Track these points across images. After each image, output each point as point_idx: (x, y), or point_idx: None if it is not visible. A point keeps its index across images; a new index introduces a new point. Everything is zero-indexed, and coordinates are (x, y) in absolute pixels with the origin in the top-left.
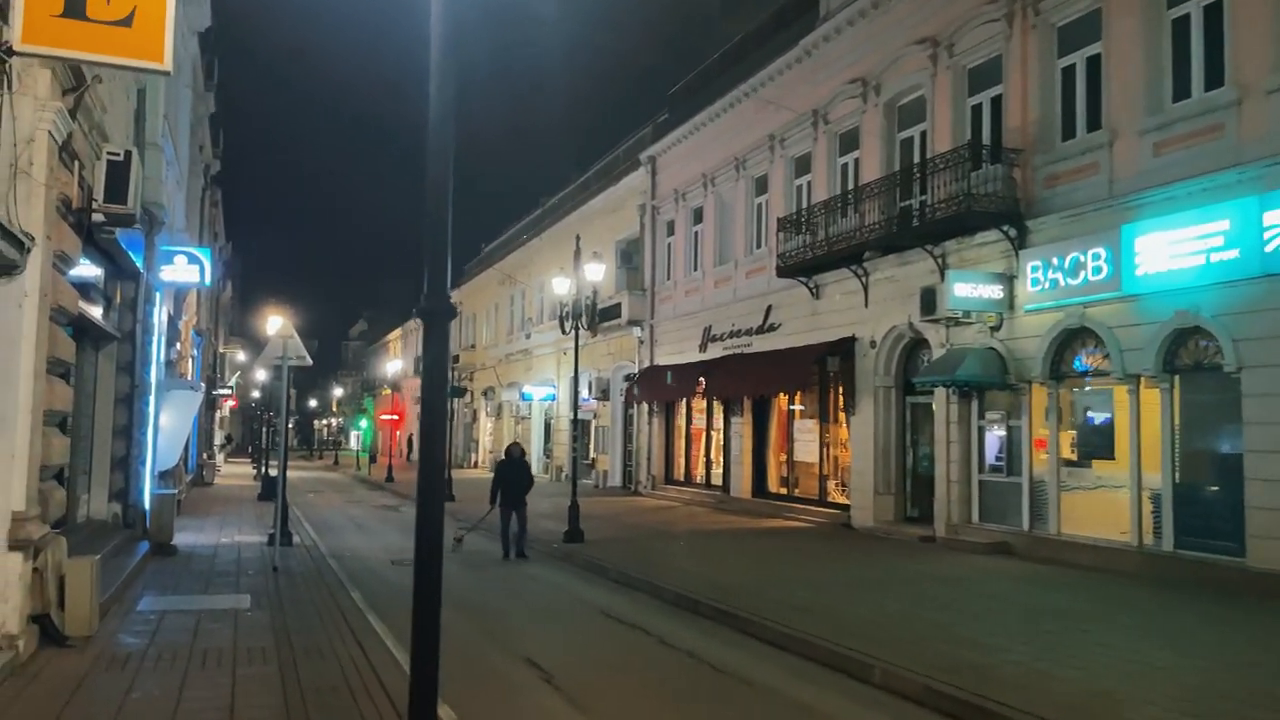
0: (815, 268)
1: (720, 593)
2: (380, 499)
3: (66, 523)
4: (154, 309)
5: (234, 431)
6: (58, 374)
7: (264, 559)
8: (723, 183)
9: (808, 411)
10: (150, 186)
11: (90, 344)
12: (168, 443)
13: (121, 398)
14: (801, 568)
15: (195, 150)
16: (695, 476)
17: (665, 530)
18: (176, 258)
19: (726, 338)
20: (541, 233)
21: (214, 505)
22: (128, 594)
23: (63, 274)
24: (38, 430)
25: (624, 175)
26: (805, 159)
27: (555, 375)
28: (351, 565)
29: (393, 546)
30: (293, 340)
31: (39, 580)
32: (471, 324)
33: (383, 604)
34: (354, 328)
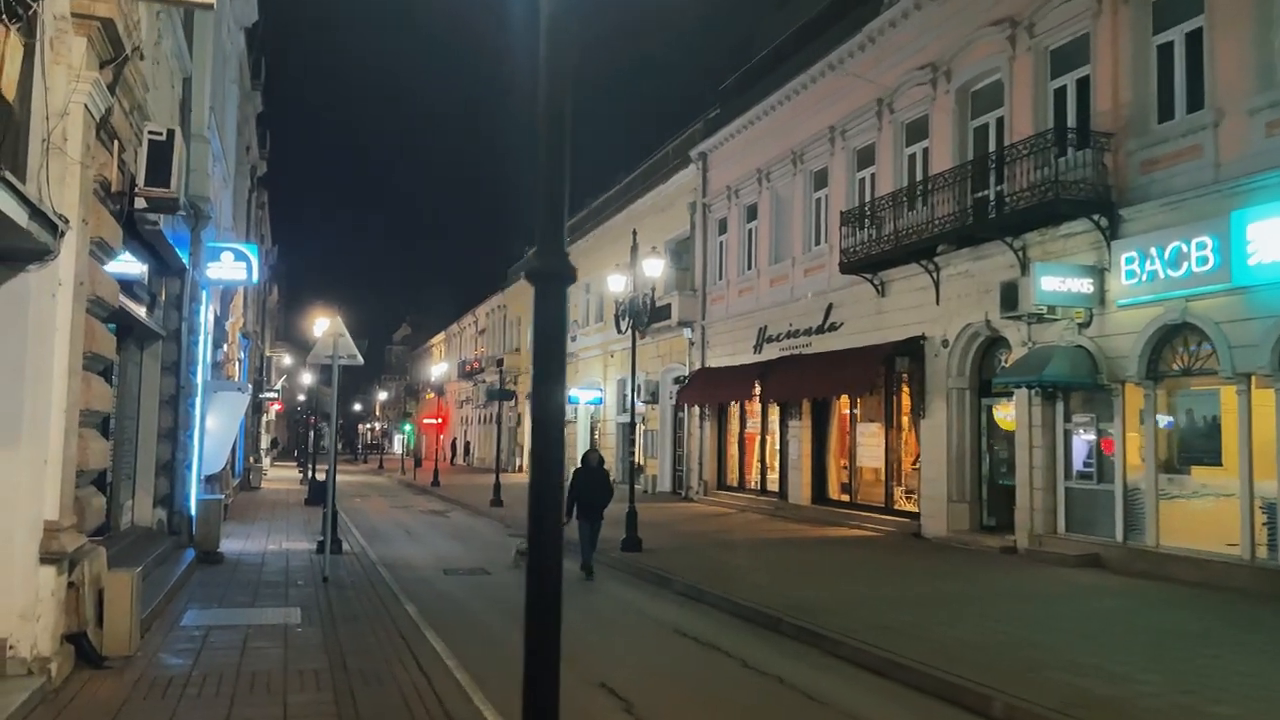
0: (881, 263)
1: (800, 609)
2: (427, 504)
3: (109, 531)
4: (200, 307)
5: (279, 435)
6: (96, 371)
7: (313, 568)
8: (778, 178)
9: (871, 414)
10: (196, 179)
11: (134, 342)
12: (214, 446)
13: (167, 399)
14: (880, 581)
15: (242, 150)
16: (749, 482)
17: (724, 538)
18: (223, 254)
19: (783, 338)
20: (587, 234)
21: (261, 510)
22: (171, 607)
23: (101, 263)
24: (73, 432)
25: (673, 173)
26: (868, 150)
27: (602, 378)
28: (403, 575)
29: (444, 554)
30: (344, 339)
31: (75, 596)
32: (515, 327)
33: (440, 619)
34: (397, 332)
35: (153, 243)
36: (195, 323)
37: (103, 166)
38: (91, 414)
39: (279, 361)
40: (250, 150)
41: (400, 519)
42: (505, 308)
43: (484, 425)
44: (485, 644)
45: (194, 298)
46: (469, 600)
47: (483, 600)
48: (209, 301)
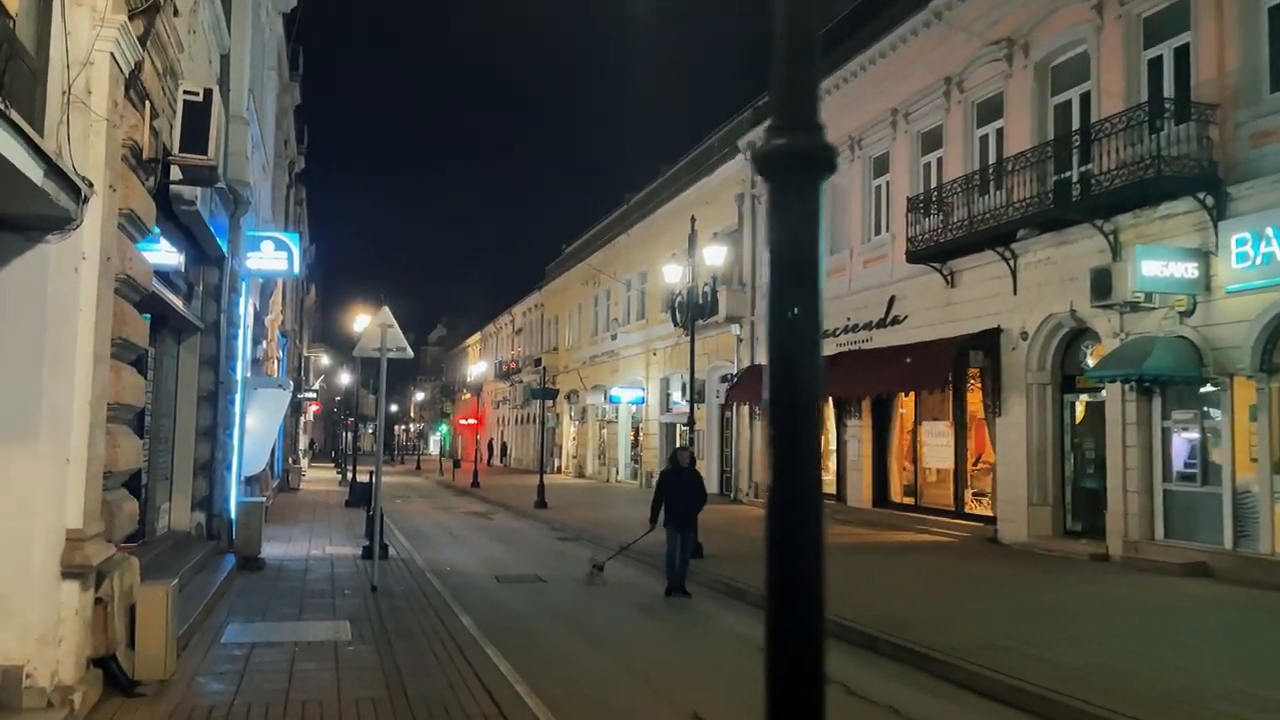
0: (952, 252)
1: (895, 625)
2: (468, 505)
3: (143, 537)
4: (240, 299)
5: (316, 436)
6: (128, 361)
7: (359, 575)
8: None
9: (937, 412)
10: (235, 163)
11: (170, 334)
12: (255, 445)
13: (205, 395)
14: (970, 592)
15: (280, 143)
16: None
17: None
18: (263, 243)
19: (841, 333)
20: (629, 229)
21: (301, 512)
22: (211, 620)
23: (132, 239)
24: (100, 427)
25: (719, 165)
26: (935, 133)
27: (644, 377)
28: (454, 582)
29: (493, 559)
30: (392, 330)
31: (102, 614)
32: (554, 326)
33: (500, 634)
34: (432, 333)
35: (190, 226)
36: (235, 315)
37: (132, 129)
38: (122, 408)
39: (317, 362)
40: (289, 145)
41: (443, 521)
42: (542, 307)
43: (521, 425)
44: (553, 663)
45: (233, 288)
46: (527, 612)
47: (542, 612)
48: (249, 294)
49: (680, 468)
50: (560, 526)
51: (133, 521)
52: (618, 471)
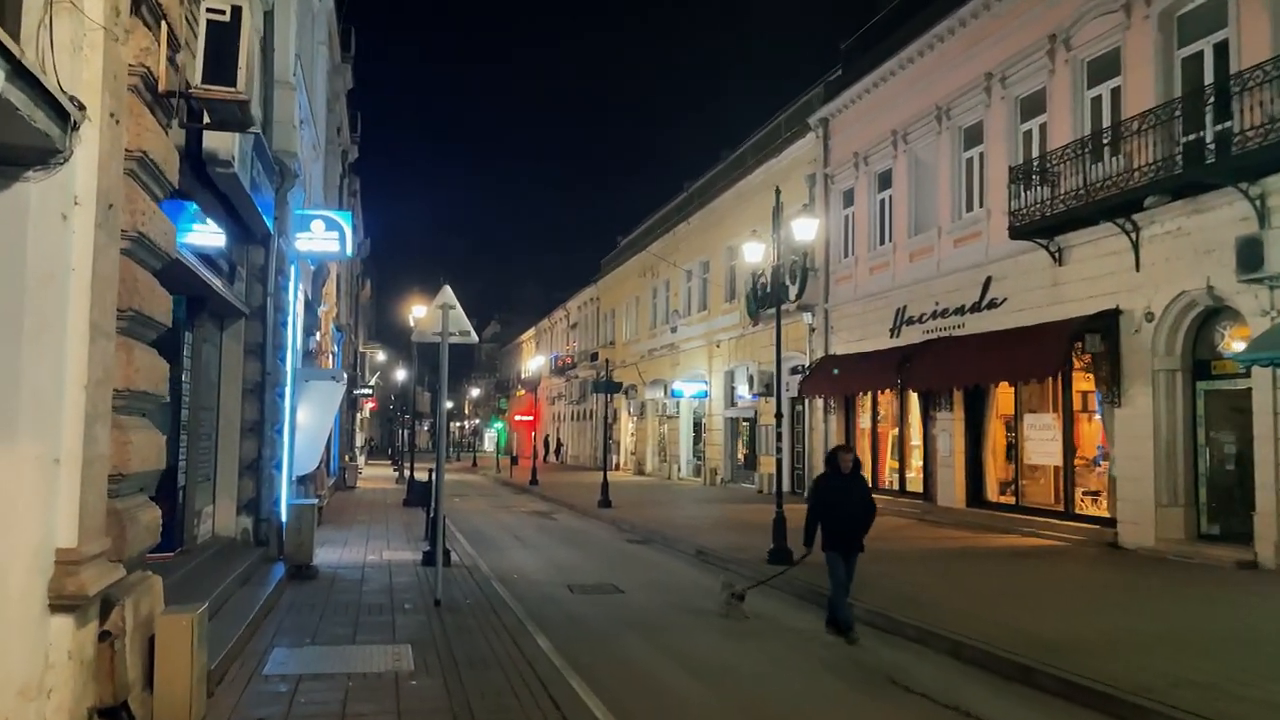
0: (1061, 225)
1: (1051, 652)
2: (528, 504)
3: (182, 545)
4: (289, 282)
5: (373, 433)
6: (144, 339)
7: (420, 585)
8: (918, 138)
9: (1041, 403)
10: (281, 133)
11: (210, 319)
12: (307, 442)
13: (251, 387)
14: (1119, 609)
15: (333, 129)
16: (884, 482)
17: (880, 548)
18: (314, 223)
19: (927, 319)
20: (689, 217)
21: (358, 512)
22: (254, 645)
23: (149, 192)
24: (103, 419)
25: (787, 145)
26: (1036, 97)
27: (706, 370)
28: (524, 593)
29: (562, 565)
30: (455, 311)
31: (108, 653)
32: (610, 320)
33: (585, 660)
34: (487, 329)
35: (229, 196)
36: (283, 299)
37: (144, 54)
38: (136, 396)
39: (372, 358)
40: (341, 132)
41: (505, 521)
42: (598, 300)
43: (577, 422)
44: (650, 698)
45: (281, 270)
46: (610, 630)
47: (627, 630)
48: (298, 278)
49: (841, 473)
50: (628, 528)
51: (153, 534)
52: (679, 469)
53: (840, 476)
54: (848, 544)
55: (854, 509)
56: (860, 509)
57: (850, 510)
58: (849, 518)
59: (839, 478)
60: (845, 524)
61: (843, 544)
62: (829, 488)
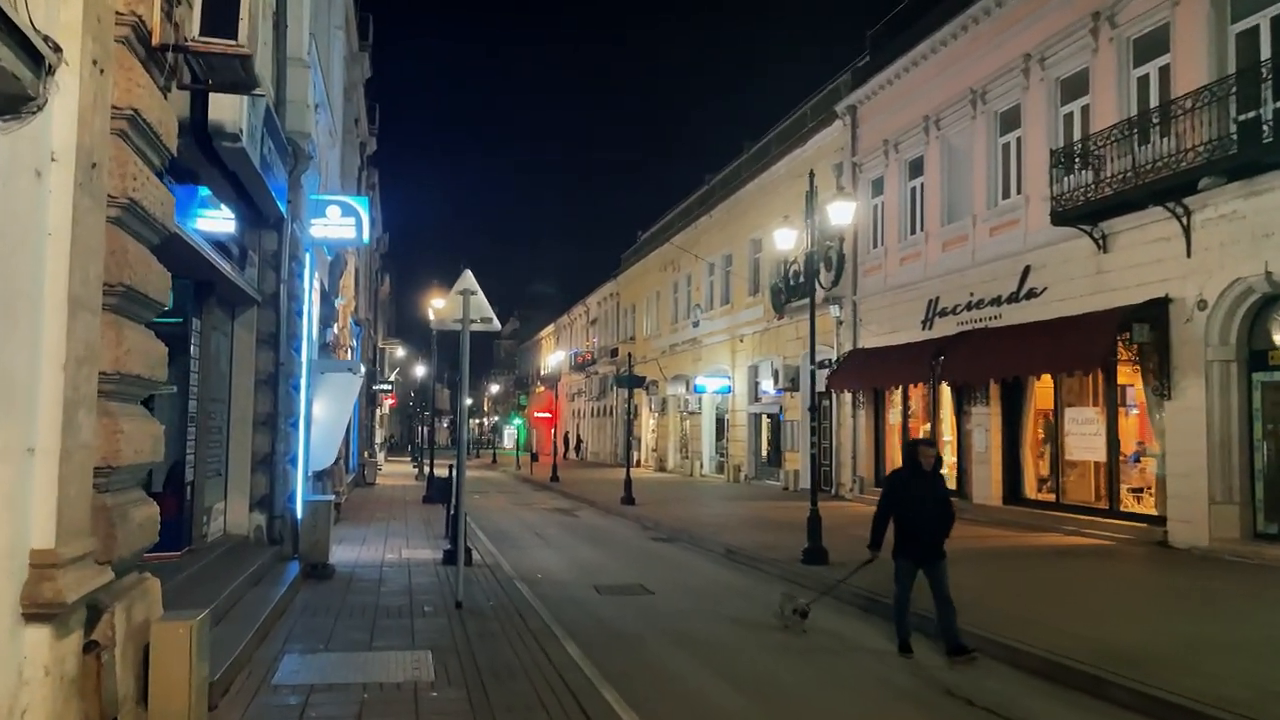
0: (1107, 211)
1: (1123, 662)
2: (550, 501)
3: (190, 543)
4: (303, 270)
5: (393, 429)
6: (137, 319)
7: (441, 585)
8: (951, 124)
9: (1083, 397)
10: (295, 112)
11: (221, 306)
12: (323, 437)
13: (264, 378)
14: (1186, 614)
15: (350, 119)
16: None
17: None
18: (329, 209)
19: (962, 310)
20: (711, 210)
21: (377, 509)
22: (264, 651)
23: (137, 153)
24: (86, 406)
25: (812, 134)
26: (1078, 78)
27: (729, 365)
28: (549, 594)
29: (587, 564)
30: (476, 297)
31: (94, 666)
32: (630, 315)
33: (615, 666)
34: (506, 326)
35: (237, 173)
36: (297, 287)
37: (135, 0)
38: (129, 381)
39: (392, 354)
40: (359, 123)
41: (526, 519)
42: (618, 296)
43: (597, 418)
44: (690, 714)
45: (294, 256)
46: (641, 635)
47: (660, 637)
48: (314, 266)
49: (920, 470)
50: (653, 525)
51: (149, 533)
52: (702, 465)
53: (919, 474)
54: (924, 551)
55: (932, 511)
56: (940, 512)
57: (928, 513)
58: (927, 521)
59: (918, 475)
60: (922, 528)
61: (918, 550)
62: (905, 486)
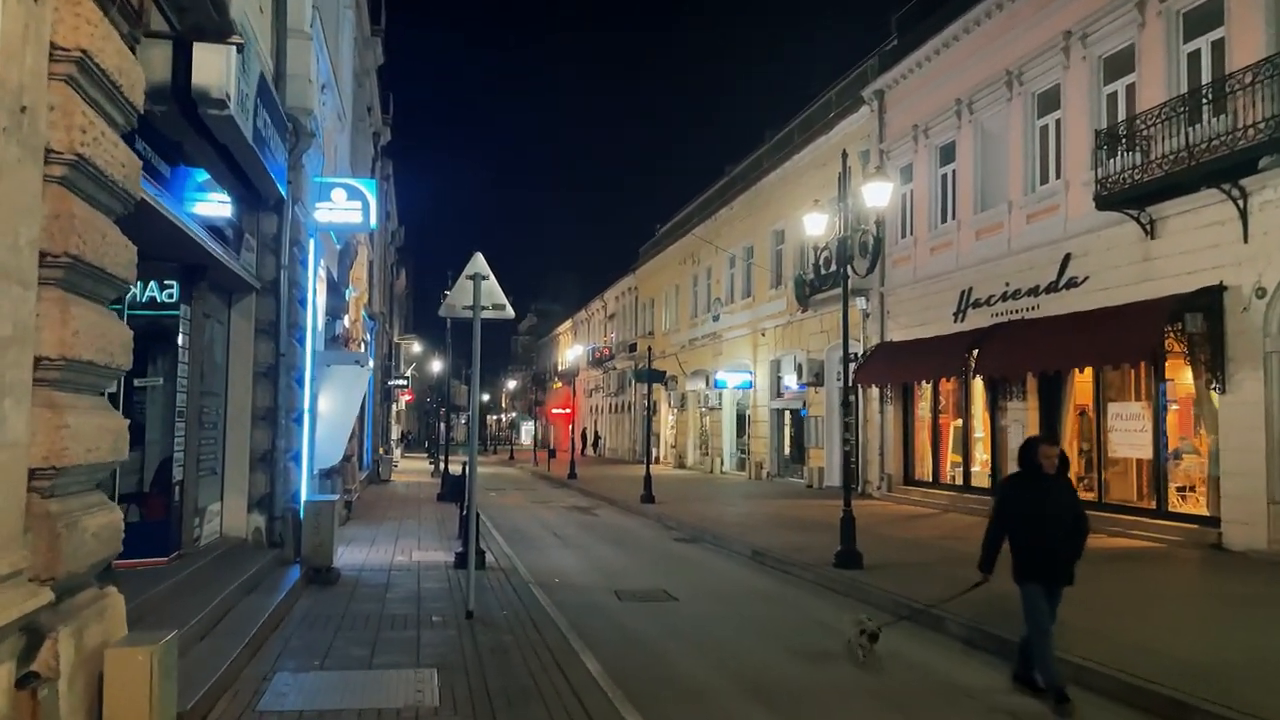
0: (1157, 193)
1: (1201, 682)
2: (568, 498)
3: (179, 548)
4: (306, 256)
5: (410, 426)
6: (91, 296)
7: (452, 592)
8: (986, 107)
9: (1126, 390)
10: (296, 87)
11: (217, 293)
12: (329, 433)
13: (263, 370)
14: (1259, 624)
15: (362, 106)
16: (945, 476)
17: (955, 550)
18: (334, 192)
19: (996, 301)
20: (731, 202)
21: (390, 507)
22: (253, 668)
23: (90, 104)
24: (17, 395)
25: (837, 121)
26: (1123, 55)
27: (751, 359)
28: (567, 600)
29: (607, 567)
30: (487, 283)
31: (29, 705)
32: (649, 309)
33: (641, 688)
34: (523, 322)
35: (229, 147)
36: (299, 273)
37: None
38: (78, 368)
39: (408, 350)
40: (372, 111)
41: (543, 517)
42: (636, 290)
43: (615, 415)
44: None
45: (296, 240)
46: (669, 650)
47: (686, 648)
48: (319, 253)
49: (1041, 475)
50: (674, 525)
51: (108, 543)
52: (722, 462)
53: (1040, 480)
54: (1053, 572)
55: (1060, 524)
56: (1071, 525)
57: (1056, 526)
58: (1054, 535)
59: (1039, 481)
60: (1050, 543)
61: (1046, 572)
62: (1025, 494)
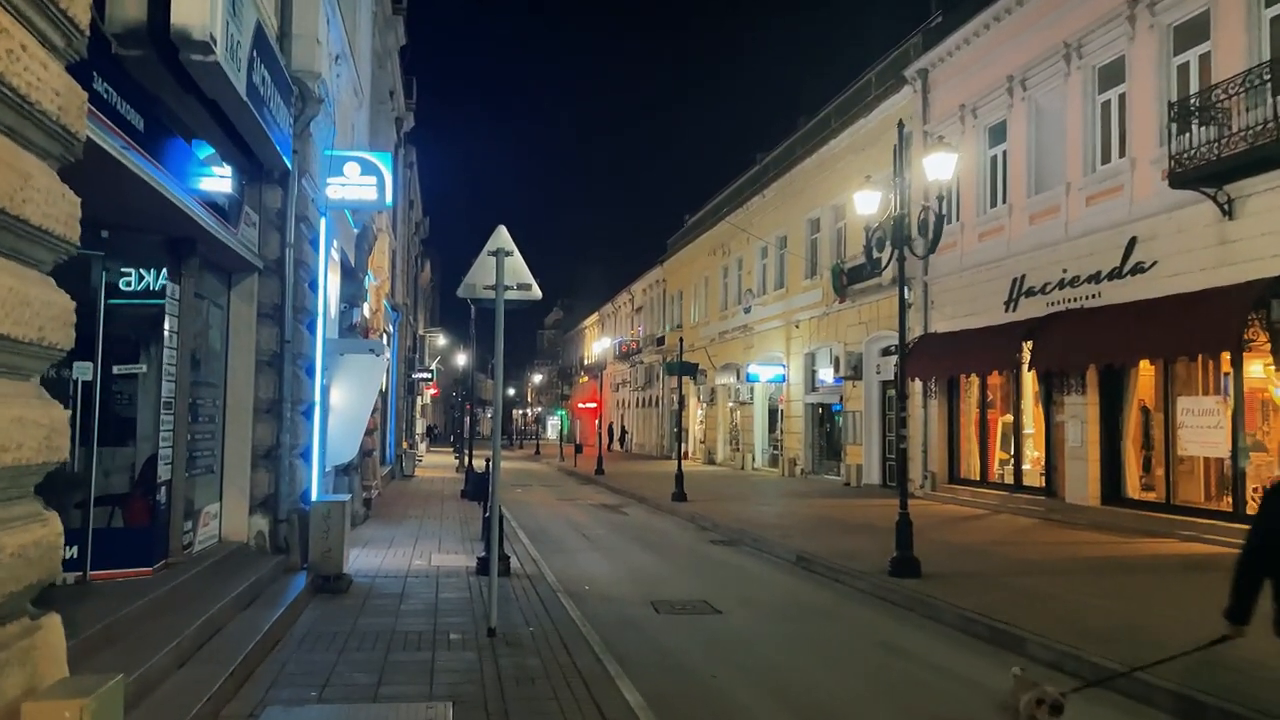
0: (1239, 169)
1: None
2: (595, 495)
3: (165, 556)
4: (316, 235)
5: (436, 420)
6: (13, 255)
7: (472, 604)
8: (1040, 83)
9: (1194, 385)
10: (302, 48)
11: (215, 274)
12: (343, 427)
13: (267, 358)
14: None
15: (384, 90)
16: (994, 475)
17: (1012, 555)
18: (346, 166)
19: (1053, 289)
20: (764, 190)
21: (411, 504)
22: (239, 701)
23: (6, 7)
24: None
25: (877, 103)
26: (1197, 22)
27: (783, 352)
28: (599, 612)
29: (642, 573)
30: (513, 260)
31: None
32: (677, 302)
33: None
34: (549, 316)
35: (219, 102)
36: (307, 253)
37: None
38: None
39: (433, 343)
40: (395, 95)
41: (571, 516)
42: (664, 282)
43: (643, 409)
44: None
45: (303, 216)
46: (714, 673)
47: (737, 675)
48: (331, 233)
49: None
50: (710, 525)
51: (39, 565)
52: (754, 458)
53: None
54: None
55: None
56: None
57: None
58: None
59: None
60: None
61: None
62: None
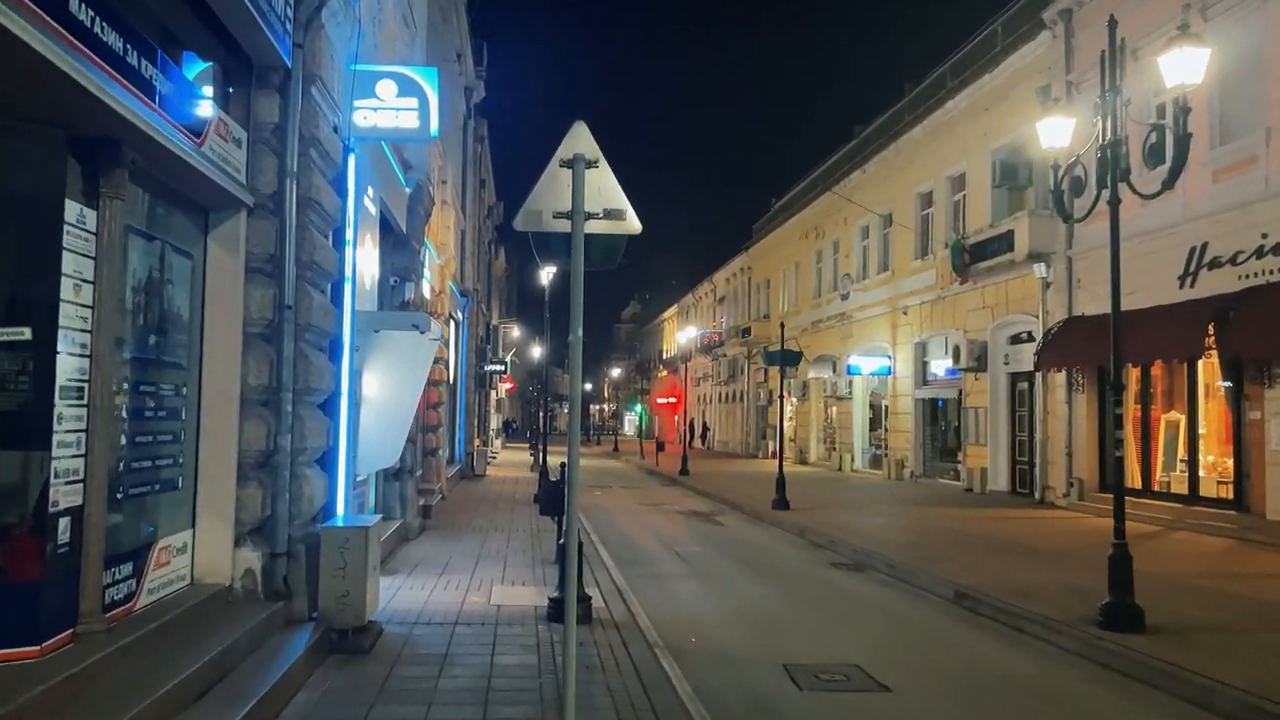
0: None
1: None
2: (682, 499)
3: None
4: (331, 164)
5: (513, 415)
6: None
7: (540, 677)
8: (1225, 10)
9: None
10: None
11: (173, 203)
12: (381, 425)
13: (259, 330)
14: None
15: (449, 48)
16: (1157, 484)
17: (1254, 597)
18: (380, 85)
19: (1247, 259)
20: (863, 165)
21: (477, 512)
22: None
23: None
24: None
25: (1005, 55)
26: None
27: (889, 342)
28: (713, 686)
29: (758, 612)
30: (599, 174)
31: None
32: (763, 291)
33: None
34: (626, 310)
35: None
36: (319, 189)
37: None
38: None
39: (508, 335)
40: (463, 59)
41: (658, 527)
42: (749, 270)
43: (726, 404)
44: None
45: (312, 139)
46: None
47: None
48: (365, 177)
49: None
50: (825, 543)
51: None
52: (853, 459)
53: None
54: None
55: None
56: None
57: None
58: None
59: None
60: None
61: None
62: None
